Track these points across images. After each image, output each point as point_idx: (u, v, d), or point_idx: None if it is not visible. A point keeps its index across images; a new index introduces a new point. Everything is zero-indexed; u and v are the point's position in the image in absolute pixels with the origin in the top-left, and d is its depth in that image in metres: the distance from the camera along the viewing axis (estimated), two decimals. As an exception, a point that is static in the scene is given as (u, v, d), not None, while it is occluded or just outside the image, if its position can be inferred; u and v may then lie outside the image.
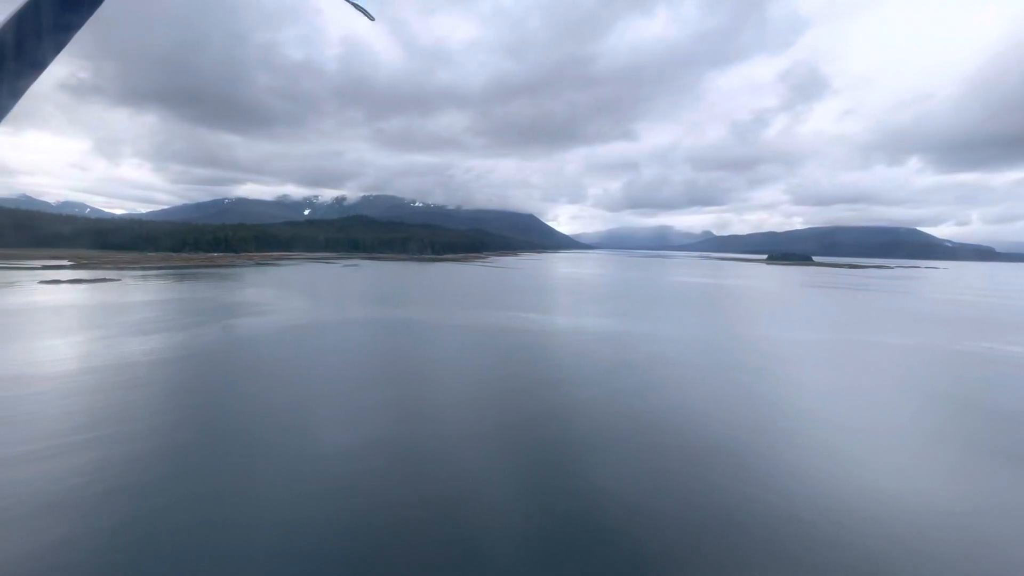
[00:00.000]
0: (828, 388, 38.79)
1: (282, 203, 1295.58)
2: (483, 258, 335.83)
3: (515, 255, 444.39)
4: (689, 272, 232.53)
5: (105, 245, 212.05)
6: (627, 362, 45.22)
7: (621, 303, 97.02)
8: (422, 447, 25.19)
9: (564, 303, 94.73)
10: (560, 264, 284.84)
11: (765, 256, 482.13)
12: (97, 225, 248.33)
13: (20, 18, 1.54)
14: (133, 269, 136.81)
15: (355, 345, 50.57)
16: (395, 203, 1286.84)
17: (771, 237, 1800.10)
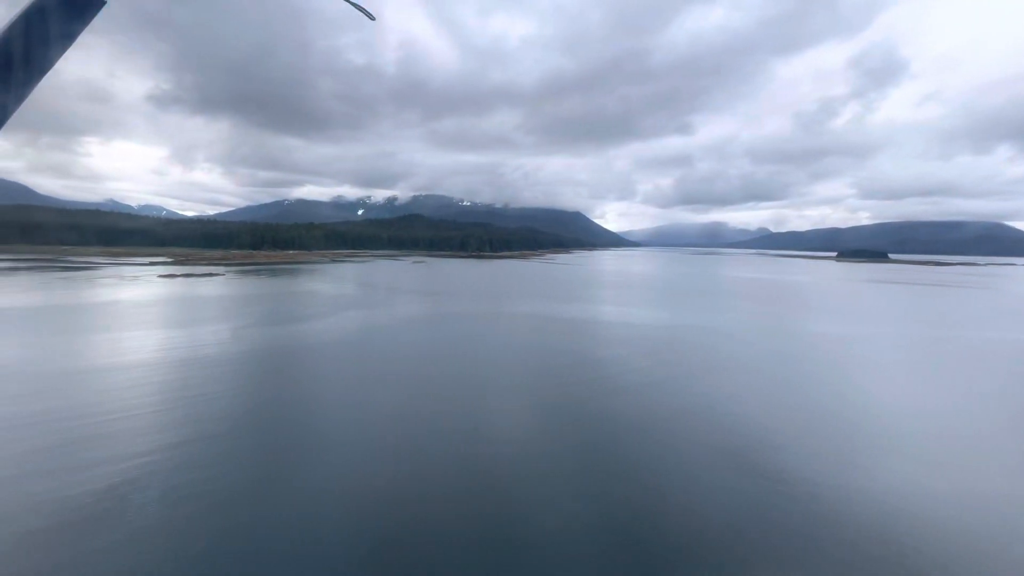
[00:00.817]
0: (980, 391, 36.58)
1: (337, 203, 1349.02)
2: (540, 255, 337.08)
3: (568, 252, 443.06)
4: (759, 269, 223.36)
5: (194, 244, 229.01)
6: (748, 365, 44.45)
7: (709, 300, 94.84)
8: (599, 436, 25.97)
9: (659, 299, 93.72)
10: (619, 261, 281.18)
11: (834, 253, 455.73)
12: (186, 226, 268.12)
13: (22, 23, 1.56)
14: (227, 265, 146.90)
15: (493, 336, 52.28)
16: (444, 202, 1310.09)
17: (834, 233, 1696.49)
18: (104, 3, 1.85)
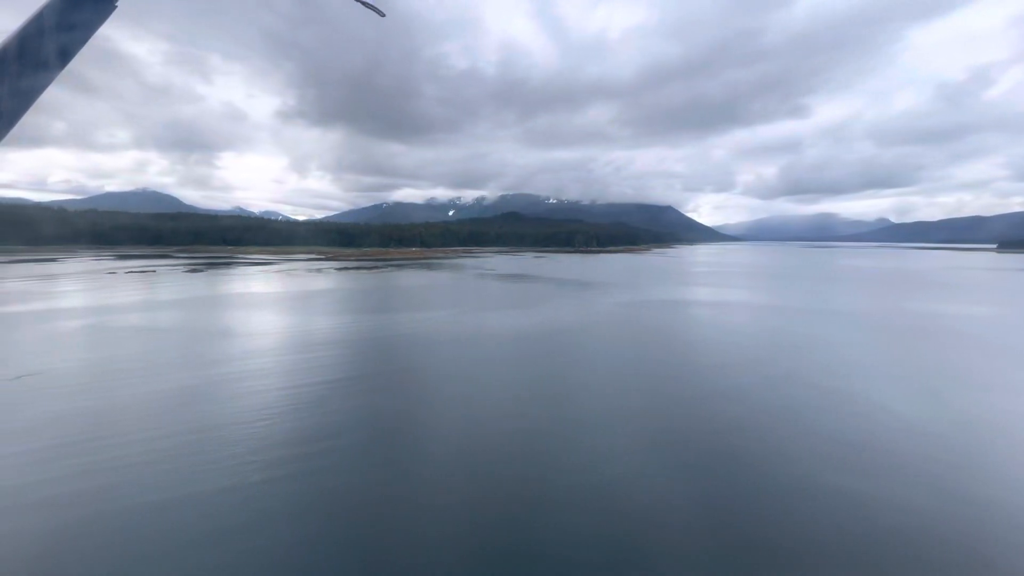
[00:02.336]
0: None
1: (430, 205, 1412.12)
2: (646, 249, 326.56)
3: (669, 247, 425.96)
4: (918, 263, 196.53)
5: (326, 243, 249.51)
6: None
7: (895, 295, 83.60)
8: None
9: (822, 289, 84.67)
10: (734, 254, 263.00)
11: (993, 245, 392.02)
12: (317, 227, 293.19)
13: (34, 26, 1.58)
14: (372, 260, 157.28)
15: (701, 323, 49.34)
16: (531, 200, 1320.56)
17: (975, 222, 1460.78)
18: (115, 6, 1.83)
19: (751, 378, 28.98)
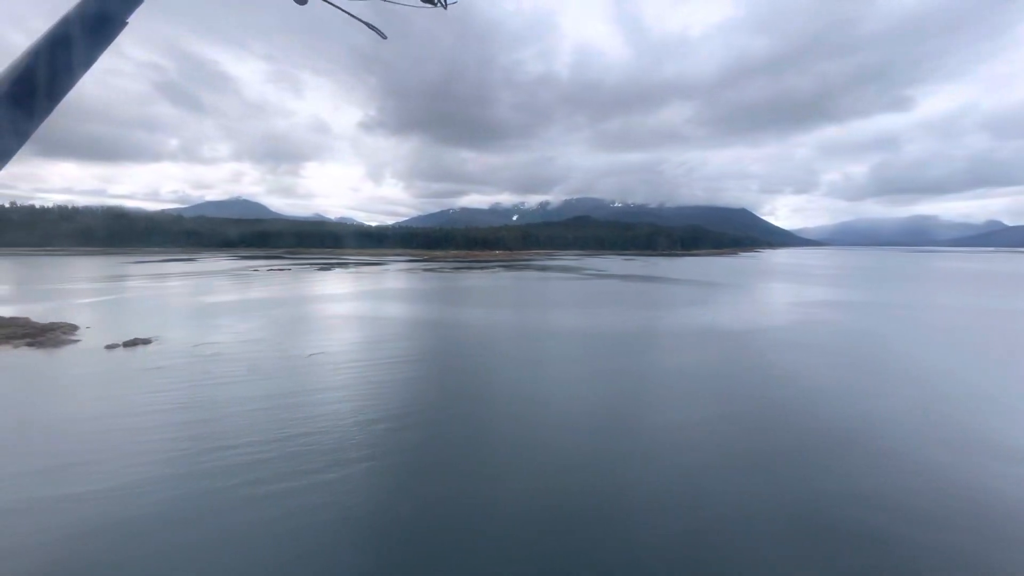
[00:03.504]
0: None
1: (494, 210, 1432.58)
2: (732, 252, 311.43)
3: (754, 251, 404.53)
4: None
5: (413, 246, 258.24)
6: None
7: None
8: None
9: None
10: (831, 258, 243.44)
11: None
12: (405, 232, 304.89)
13: (45, 46, 1.59)
14: (469, 262, 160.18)
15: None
16: (596, 204, 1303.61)
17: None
18: (125, 24, 1.83)
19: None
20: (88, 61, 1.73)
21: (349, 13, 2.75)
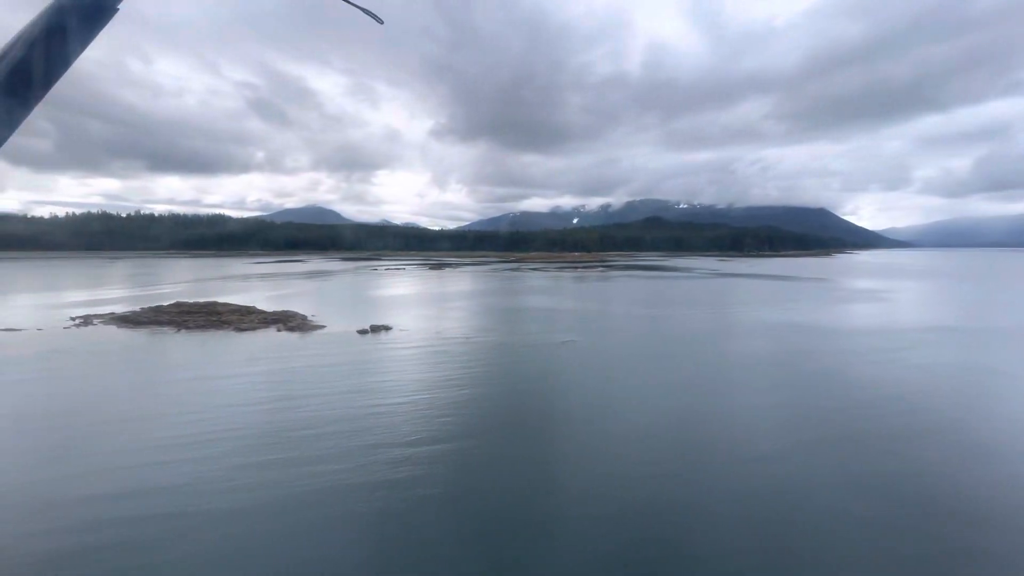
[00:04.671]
0: None
1: (555, 214, 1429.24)
2: (824, 254, 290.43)
3: (842, 252, 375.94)
4: None
5: (493, 248, 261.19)
6: None
7: None
8: None
9: None
10: (939, 260, 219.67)
11: None
12: (482, 234, 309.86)
13: (36, 32, 1.57)
14: (564, 263, 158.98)
15: None
16: (660, 205, 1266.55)
17: None
18: (116, 10, 1.81)
19: None
20: (79, 48, 1.71)
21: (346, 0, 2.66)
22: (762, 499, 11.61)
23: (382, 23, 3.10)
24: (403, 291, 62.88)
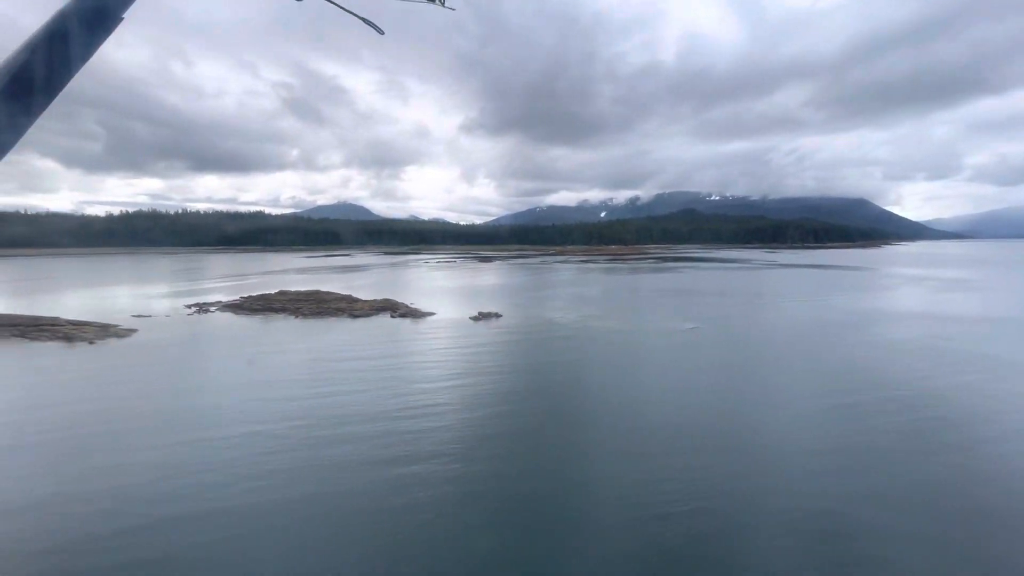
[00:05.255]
0: None
1: (582, 207, 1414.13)
2: (873, 245, 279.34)
3: (888, 243, 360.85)
4: None
5: (530, 242, 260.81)
6: None
7: None
8: None
9: None
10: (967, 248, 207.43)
11: None
12: (520, 230, 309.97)
13: (40, 42, 1.58)
14: (607, 256, 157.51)
15: None
16: (690, 198, 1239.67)
17: None
18: (121, 19, 1.82)
19: None
20: (84, 57, 1.72)
21: (345, 8, 2.61)
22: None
23: (383, 34, 3.02)
24: (471, 282, 63.55)
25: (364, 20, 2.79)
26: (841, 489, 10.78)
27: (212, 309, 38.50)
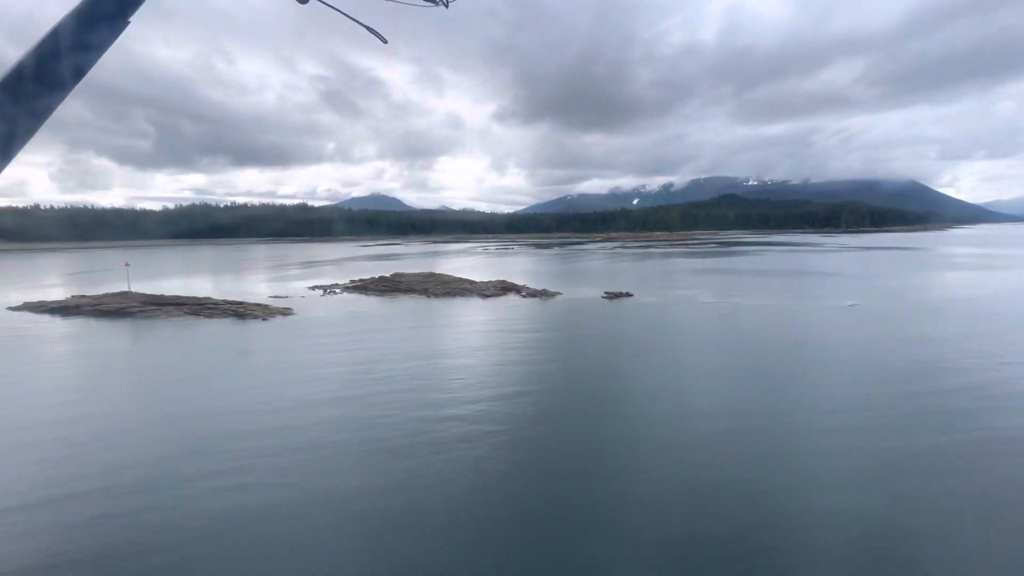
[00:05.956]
0: None
1: (614, 195, 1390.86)
2: (936, 228, 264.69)
3: (947, 227, 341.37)
4: None
5: (572, 230, 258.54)
6: None
7: None
8: None
9: None
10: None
11: None
12: (563, 218, 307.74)
13: (47, 45, 1.61)
14: (655, 241, 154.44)
15: None
16: (727, 183, 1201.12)
17: None
18: (127, 23, 1.85)
19: None
20: (93, 59, 1.75)
21: (348, 15, 2.61)
22: None
23: (386, 42, 3.01)
24: (552, 267, 63.16)
25: (369, 29, 2.80)
26: None
27: (337, 291, 39.46)
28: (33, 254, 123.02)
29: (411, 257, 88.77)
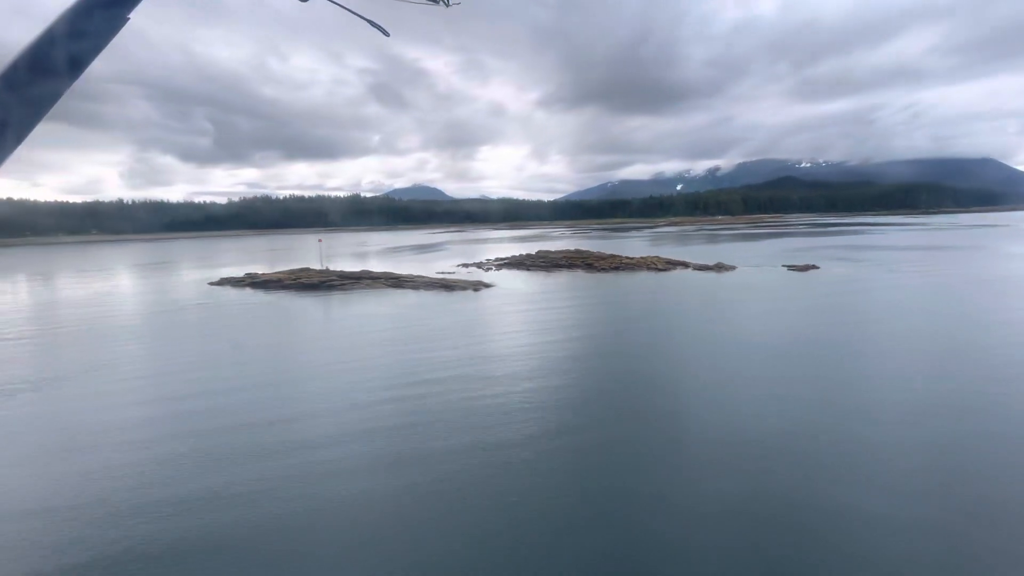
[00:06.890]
0: None
1: (657, 180, 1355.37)
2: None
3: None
4: None
5: (632, 215, 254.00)
6: None
7: None
8: None
9: None
10: None
11: None
12: (614, 201, 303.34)
13: (47, 40, 1.61)
14: (742, 223, 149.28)
15: None
16: (776, 166, 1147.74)
17: None
18: (127, 19, 1.86)
19: None
20: (91, 55, 1.76)
21: (350, 10, 2.65)
22: None
23: (388, 35, 3.01)
24: (677, 247, 61.84)
25: (369, 22, 2.80)
26: None
27: (492, 268, 39.88)
28: (130, 244, 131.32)
29: (499, 242, 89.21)
